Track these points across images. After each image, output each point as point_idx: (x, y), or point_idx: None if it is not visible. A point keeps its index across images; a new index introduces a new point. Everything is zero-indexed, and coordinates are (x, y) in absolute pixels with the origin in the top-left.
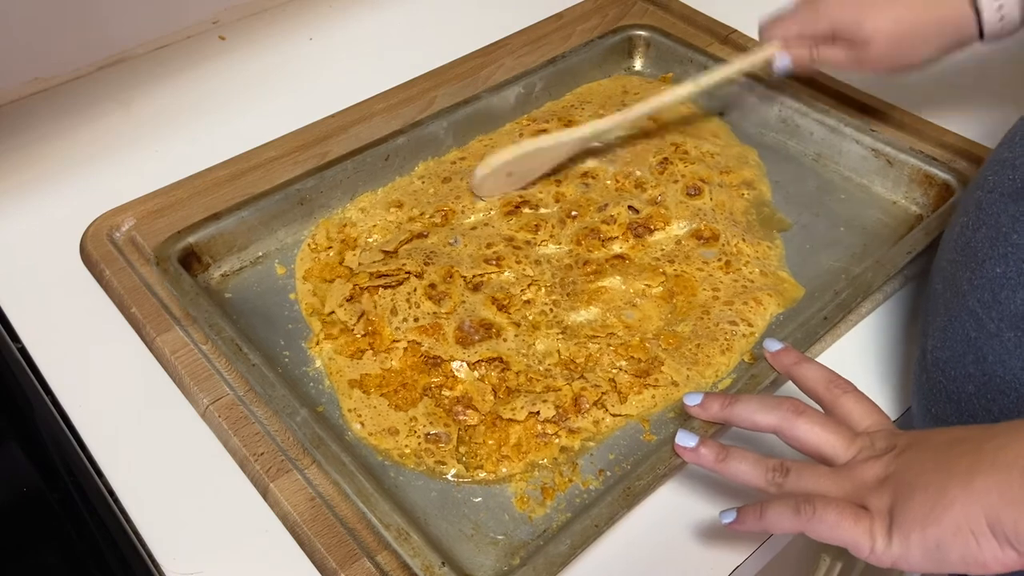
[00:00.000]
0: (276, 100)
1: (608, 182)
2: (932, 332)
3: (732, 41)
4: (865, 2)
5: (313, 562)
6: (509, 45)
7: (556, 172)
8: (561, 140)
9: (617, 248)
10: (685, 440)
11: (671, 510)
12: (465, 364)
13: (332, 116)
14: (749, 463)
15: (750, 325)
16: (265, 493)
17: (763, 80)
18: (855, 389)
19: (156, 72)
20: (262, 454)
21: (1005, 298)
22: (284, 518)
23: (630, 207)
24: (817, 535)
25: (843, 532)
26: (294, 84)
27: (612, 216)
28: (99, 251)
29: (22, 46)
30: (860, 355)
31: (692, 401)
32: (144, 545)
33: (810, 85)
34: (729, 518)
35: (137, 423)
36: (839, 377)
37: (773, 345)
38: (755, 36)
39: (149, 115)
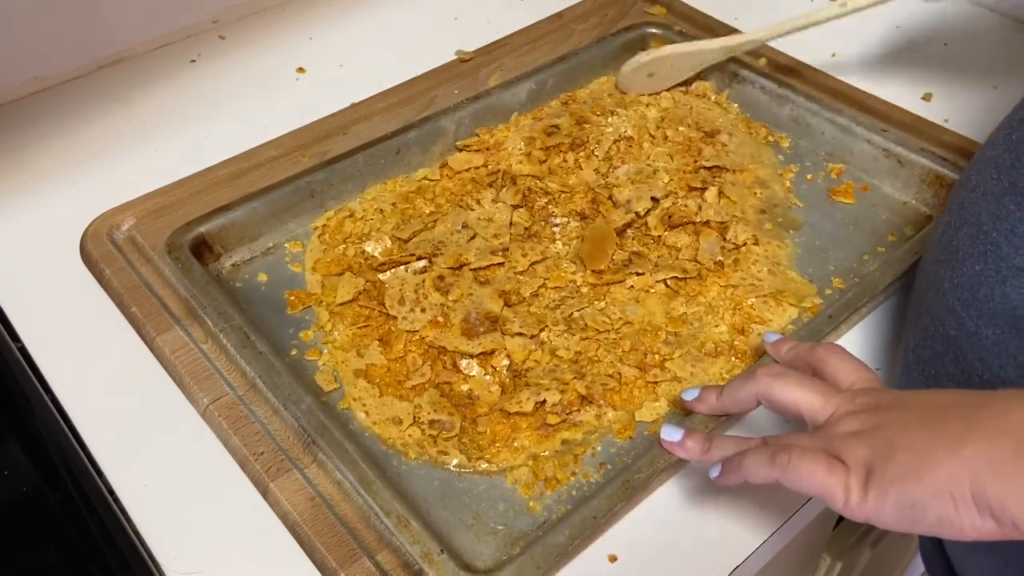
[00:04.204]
0: (276, 100)
1: (620, 178)
2: (914, 331)
3: None
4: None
5: (313, 561)
6: (509, 45)
7: (584, 145)
8: (701, 48)
9: (626, 244)
10: (670, 435)
11: (672, 510)
12: (470, 357)
13: (332, 116)
14: (730, 446)
15: (763, 324)
16: (265, 493)
17: (776, 78)
18: (841, 349)
19: (156, 72)
20: (262, 454)
21: (984, 296)
22: (284, 518)
23: (642, 203)
24: (792, 484)
25: (817, 482)
26: (294, 84)
27: (623, 212)
28: (99, 251)
29: (22, 46)
30: (860, 353)
31: (690, 396)
32: (144, 545)
33: (821, 87)
34: (715, 473)
35: (137, 423)
36: (826, 343)
37: (772, 336)
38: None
39: (149, 115)
